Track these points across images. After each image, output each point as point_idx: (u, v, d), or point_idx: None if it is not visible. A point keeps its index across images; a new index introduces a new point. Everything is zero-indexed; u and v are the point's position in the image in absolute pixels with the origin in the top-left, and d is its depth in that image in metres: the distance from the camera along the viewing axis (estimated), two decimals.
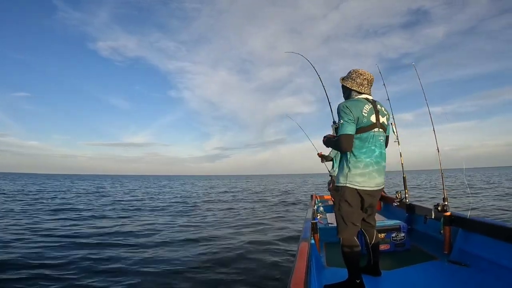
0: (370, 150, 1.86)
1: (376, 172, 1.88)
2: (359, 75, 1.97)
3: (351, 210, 1.88)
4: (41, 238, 5.76)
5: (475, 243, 2.24)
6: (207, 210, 10.83)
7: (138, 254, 4.73)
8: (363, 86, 1.97)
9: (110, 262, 4.30)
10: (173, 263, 4.27)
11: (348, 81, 2.01)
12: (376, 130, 1.90)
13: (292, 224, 7.38)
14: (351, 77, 2.00)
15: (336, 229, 1.95)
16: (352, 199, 1.86)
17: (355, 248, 1.85)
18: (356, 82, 1.97)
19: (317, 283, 1.92)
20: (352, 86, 1.98)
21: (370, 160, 1.86)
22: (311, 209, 3.42)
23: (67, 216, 8.88)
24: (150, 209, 11.14)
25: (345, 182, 1.86)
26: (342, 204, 1.89)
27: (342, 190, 1.89)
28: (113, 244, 5.40)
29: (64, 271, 3.89)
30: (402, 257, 2.60)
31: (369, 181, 1.85)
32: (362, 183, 1.84)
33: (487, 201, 10.40)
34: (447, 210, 2.51)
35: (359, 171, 1.84)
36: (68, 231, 6.55)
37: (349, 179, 1.85)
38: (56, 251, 4.81)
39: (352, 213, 1.88)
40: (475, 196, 12.35)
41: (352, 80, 1.99)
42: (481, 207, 8.81)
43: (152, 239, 5.90)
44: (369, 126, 1.87)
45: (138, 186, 33.57)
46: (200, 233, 6.46)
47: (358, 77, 1.97)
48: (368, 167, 1.85)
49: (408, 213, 3.38)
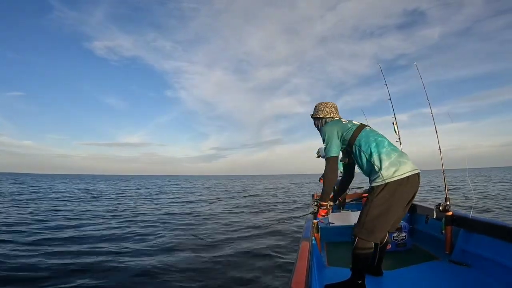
0: (379, 142, 1.87)
1: (402, 157, 1.82)
2: (325, 105, 2.17)
3: (383, 212, 1.76)
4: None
5: (476, 243, 2.23)
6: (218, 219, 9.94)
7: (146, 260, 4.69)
8: (333, 113, 2.15)
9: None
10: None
11: (318, 113, 2.18)
12: (368, 128, 2.01)
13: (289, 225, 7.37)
14: (319, 109, 2.18)
15: (357, 226, 1.81)
16: (389, 198, 1.74)
17: (369, 251, 1.80)
18: (326, 111, 2.15)
19: (318, 283, 1.92)
20: (325, 115, 2.15)
21: (387, 149, 1.83)
22: (312, 209, 3.41)
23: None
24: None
25: (383, 179, 1.75)
26: (375, 205, 1.76)
27: (377, 189, 1.77)
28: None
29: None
30: (404, 257, 2.60)
31: (402, 166, 1.76)
32: (398, 171, 1.75)
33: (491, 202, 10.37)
34: (449, 210, 2.51)
35: (386, 162, 1.77)
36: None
37: (385, 174, 1.75)
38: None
39: (384, 216, 1.76)
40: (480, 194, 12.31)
41: (322, 111, 2.17)
42: (483, 207, 8.81)
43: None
44: (359, 127, 1.98)
45: (133, 186, 32.04)
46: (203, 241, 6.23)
47: (326, 107, 2.16)
48: (391, 155, 1.80)
49: (410, 213, 3.37)
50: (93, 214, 9.40)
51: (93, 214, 9.26)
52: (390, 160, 1.78)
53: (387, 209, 1.76)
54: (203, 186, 33.26)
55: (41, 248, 4.86)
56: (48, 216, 8.49)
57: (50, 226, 7.03)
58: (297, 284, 1.11)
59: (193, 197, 17.69)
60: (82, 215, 9.08)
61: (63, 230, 6.55)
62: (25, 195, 16.28)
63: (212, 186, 34.80)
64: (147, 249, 5.05)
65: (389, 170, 1.75)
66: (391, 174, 1.75)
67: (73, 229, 6.75)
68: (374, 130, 2.02)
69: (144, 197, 17.30)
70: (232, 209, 11.00)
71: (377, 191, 1.77)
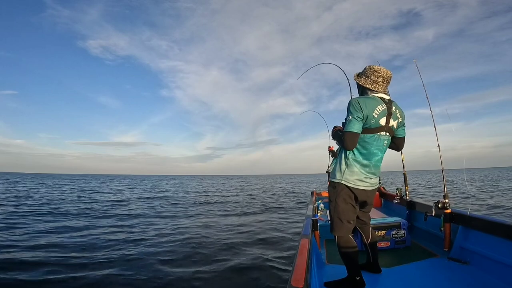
0: (371, 153, 1.81)
1: (373, 174, 1.86)
2: (373, 71, 1.82)
3: (346, 207, 1.84)
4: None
5: (475, 241, 2.24)
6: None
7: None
8: (377, 84, 1.81)
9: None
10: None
11: (361, 78, 1.87)
12: (383, 133, 1.81)
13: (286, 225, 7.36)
14: (365, 73, 1.86)
15: (331, 226, 1.92)
16: (347, 196, 1.83)
17: (351, 246, 1.84)
18: (370, 80, 1.82)
19: (318, 280, 1.92)
20: (365, 83, 1.84)
21: (369, 163, 1.82)
22: (312, 206, 3.43)
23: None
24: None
25: (341, 179, 1.83)
26: (338, 201, 1.85)
27: (338, 187, 1.85)
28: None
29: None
30: (402, 254, 2.61)
31: (364, 181, 1.83)
32: (358, 182, 1.81)
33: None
34: (448, 207, 2.51)
35: (356, 170, 1.81)
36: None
37: (345, 176, 1.82)
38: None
39: (348, 211, 1.85)
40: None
41: (366, 77, 1.84)
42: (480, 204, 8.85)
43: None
44: (376, 129, 1.77)
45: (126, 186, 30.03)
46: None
47: (373, 74, 1.82)
48: (365, 169, 1.82)
49: (409, 210, 3.38)
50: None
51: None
52: (360, 171, 1.81)
53: (348, 205, 1.85)
54: (196, 186, 32.44)
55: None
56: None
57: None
58: (296, 282, 1.11)
59: (180, 196, 17.35)
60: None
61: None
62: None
63: (203, 185, 33.91)
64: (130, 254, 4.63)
65: (350, 176, 1.81)
66: (349, 180, 1.81)
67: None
68: (384, 140, 1.84)
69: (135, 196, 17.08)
70: (225, 210, 10.73)
71: (337, 187, 1.85)
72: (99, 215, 8.94)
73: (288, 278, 1.16)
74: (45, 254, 4.49)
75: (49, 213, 9.03)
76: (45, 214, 8.94)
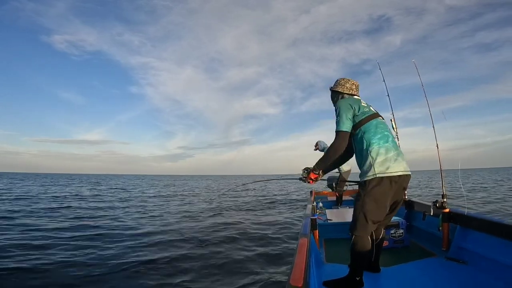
0: (384, 136, 1.85)
1: (399, 156, 1.83)
2: (347, 81, 2.13)
3: (376, 206, 1.76)
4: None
5: (473, 240, 2.25)
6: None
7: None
8: (352, 91, 2.11)
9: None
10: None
11: (338, 86, 2.14)
12: (381, 119, 1.98)
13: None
14: (340, 83, 2.15)
15: (351, 224, 1.83)
16: (381, 192, 1.74)
17: (367, 249, 1.80)
18: (346, 87, 2.12)
19: (317, 279, 1.92)
20: (343, 90, 2.11)
21: (389, 145, 1.82)
22: (310, 205, 3.43)
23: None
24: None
25: (374, 173, 1.75)
26: (368, 200, 1.75)
27: (370, 184, 1.76)
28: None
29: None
30: (401, 254, 2.62)
31: (397, 165, 1.77)
32: (391, 168, 1.75)
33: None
34: (446, 207, 2.52)
35: (383, 157, 1.77)
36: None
37: (377, 168, 1.75)
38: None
39: (377, 210, 1.77)
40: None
41: (342, 86, 2.13)
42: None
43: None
44: (373, 115, 1.93)
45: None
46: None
47: (347, 83, 2.13)
48: (390, 151, 1.80)
49: (407, 210, 3.39)
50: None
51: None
52: (387, 156, 1.78)
53: (378, 203, 1.76)
54: (164, 186, 30.16)
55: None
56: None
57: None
58: (295, 281, 1.11)
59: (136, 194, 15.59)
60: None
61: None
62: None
63: (171, 185, 32.13)
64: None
65: (383, 166, 1.76)
66: (384, 169, 1.75)
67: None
68: (385, 123, 1.98)
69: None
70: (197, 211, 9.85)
71: (368, 185, 1.77)
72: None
73: (287, 277, 1.16)
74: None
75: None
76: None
